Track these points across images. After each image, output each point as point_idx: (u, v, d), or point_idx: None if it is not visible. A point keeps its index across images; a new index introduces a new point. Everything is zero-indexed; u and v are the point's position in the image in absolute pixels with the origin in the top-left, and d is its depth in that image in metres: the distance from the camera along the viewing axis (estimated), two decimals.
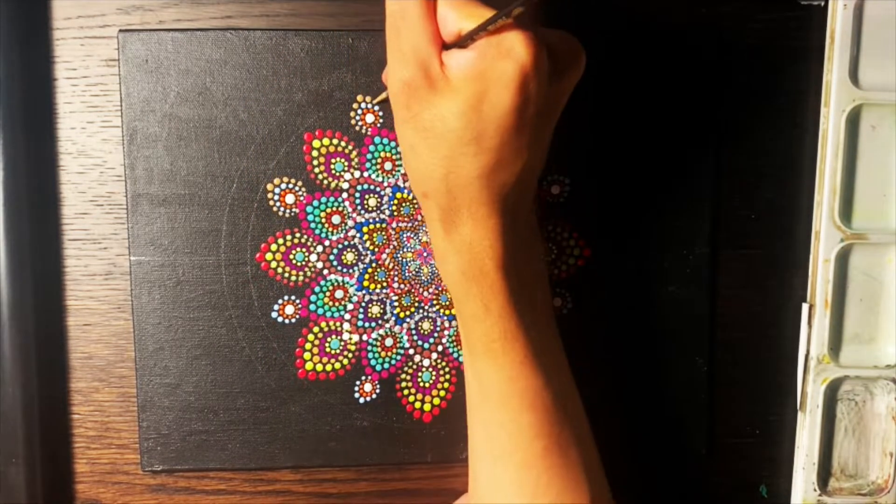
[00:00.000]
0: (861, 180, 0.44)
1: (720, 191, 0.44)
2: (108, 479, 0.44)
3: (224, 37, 0.41)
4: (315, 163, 0.42)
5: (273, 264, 0.43)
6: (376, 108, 0.42)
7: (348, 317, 0.43)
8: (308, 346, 0.43)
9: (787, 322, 0.45)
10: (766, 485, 0.46)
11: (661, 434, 0.45)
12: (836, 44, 0.43)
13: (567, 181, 0.43)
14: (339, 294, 0.43)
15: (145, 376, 0.43)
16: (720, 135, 0.44)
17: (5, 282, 0.40)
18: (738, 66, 0.44)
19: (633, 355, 0.44)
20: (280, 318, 0.43)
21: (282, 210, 0.42)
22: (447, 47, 0.32)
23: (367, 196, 0.43)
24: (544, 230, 0.43)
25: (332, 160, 0.42)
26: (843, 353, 0.45)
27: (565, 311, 0.44)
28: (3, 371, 0.41)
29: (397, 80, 0.33)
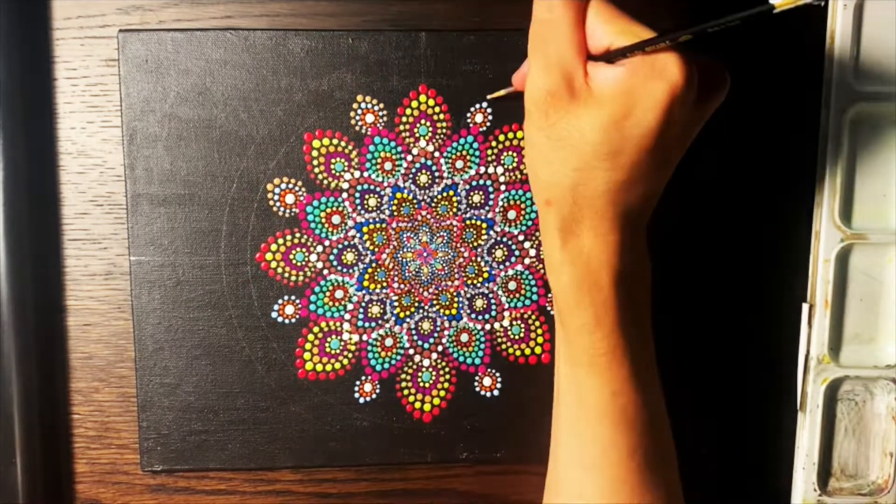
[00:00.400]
0: (861, 180, 0.44)
1: (720, 191, 0.44)
2: (108, 479, 0.44)
3: (224, 37, 0.41)
4: (315, 163, 0.42)
5: (273, 264, 0.43)
6: (376, 108, 0.42)
7: (348, 317, 0.43)
8: (308, 346, 0.43)
9: (787, 322, 0.45)
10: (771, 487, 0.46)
11: None
12: (836, 44, 0.43)
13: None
14: (339, 294, 0.43)
15: (145, 376, 0.43)
16: (720, 135, 0.44)
17: (5, 282, 0.40)
18: (738, 67, 0.44)
19: None
20: (280, 318, 0.43)
21: (282, 210, 0.42)
22: (592, 59, 0.32)
23: (367, 196, 0.43)
24: None
25: (332, 160, 0.42)
26: (843, 353, 0.45)
27: None
28: (3, 371, 0.41)
29: (539, 87, 0.33)
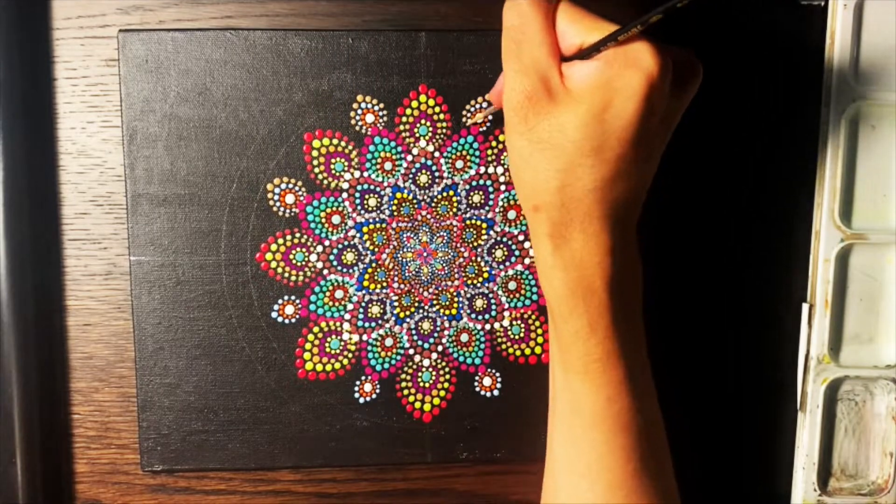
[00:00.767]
0: (861, 180, 0.44)
1: (720, 191, 0.44)
2: (108, 479, 0.44)
3: (224, 37, 0.41)
4: (315, 163, 0.42)
5: (273, 264, 0.43)
6: (376, 108, 0.42)
7: (348, 317, 0.43)
8: (308, 346, 0.43)
9: (787, 322, 0.45)
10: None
11: None
12: (836, 44, 0.43)
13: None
14: (339, 294, 0.43)
15: (145, 376, 0.43)
16: (720, 135, 0.44)
17: (5, 282, 0.40)
18: (737, 67, 0.44)
19: None
20: (280, 318, 0.43)
21: (282, 210, 0.42)
22: (566, 60, 0.33)
23: (367, 196, 0.43)
24: None
25: (332, 160, 0.42)
26: (843, 353, 0.45)
27: None
28: (3, 371, 0.41)
29: (517, 91, 0.33)
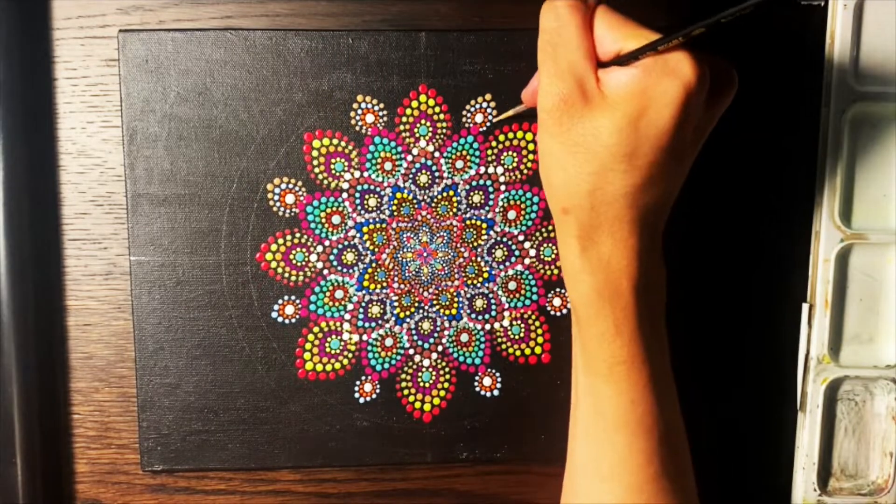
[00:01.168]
0: (861, 180, 0.44)
1: (720, 191, 0.44)
2: (108, 479, 0.44)
3: (224, 37, 0.41)
4: (315, 163, 0.42)
5: (273, 264, 0.43)
6: (376, 108, 0.42)
7: (348, 317, 0.43)
8: (308, 346, 0.43)
9: (787, 322, 0.45)
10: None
11: None
12: (836, 44, 0.43)
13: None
14: (339, 294, 0.43)
15: (145, 376, 0.43)
16: (720, 134, 0.44)
17: (5, 282, 0.40)
18: (738, 66, 0.44)
19: None
20: (280, 318, 0.43)
21: (282, 210, 0.42)
22: (602, 65, 0.33)
23: (367, 196, 0.43)
24: (544, 230, 0.43)
25: (332, 160, 0.42)
26: (843, 353, 0.45)
27: (565, 310, 0.44)
28: (3, 371, 0.41)
29: (552, 94, 0.33)
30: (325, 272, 0.43)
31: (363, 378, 0.44)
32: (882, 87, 0.43)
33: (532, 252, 0.44)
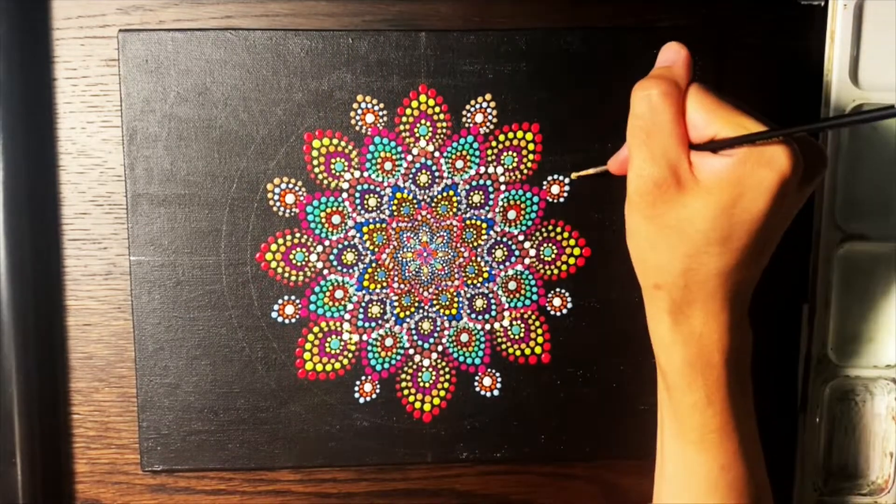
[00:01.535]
0: (861, 180, 0.44)
1: None
2: (108, 479, 0.44)
3: (224, 37, 0.41)
4: (315, 163, 0.42)
5: (273, 264, 0.43)
6: (376, 108, 0.42)
7: (348, 317, 0.43)
8: (308, 346, 0.43)
9: (787, 322, 0.45)
10: None
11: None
12: (836, 44, 0.43)
13: (566, 181, 0.43)
14: (339, 294, 0.43)
15: (145, 376, 0.43)
16: None
17: (5, 282, 0.40)
18: (738, 66, 0.44)
19: (632, 354, 0.44)
20: (280, 318, 0.43)
21: (282, 210, 0.42)
22: (694, 147, 0.33)
23: (367, 196, 0.43)
24: (544, 230, 0.43)
25: (332, 160, 0.42)
26: (843, 353, 0.45)
27: (565, 310, 0.44)
28: (3, 371, 0.41)
29: (645, 178, 0.33)
30: (325, 272, 0.43)
31: (363, 378, 0.44)
32: (882, 87, 0.43)
33: (532, 252, 0.44)
